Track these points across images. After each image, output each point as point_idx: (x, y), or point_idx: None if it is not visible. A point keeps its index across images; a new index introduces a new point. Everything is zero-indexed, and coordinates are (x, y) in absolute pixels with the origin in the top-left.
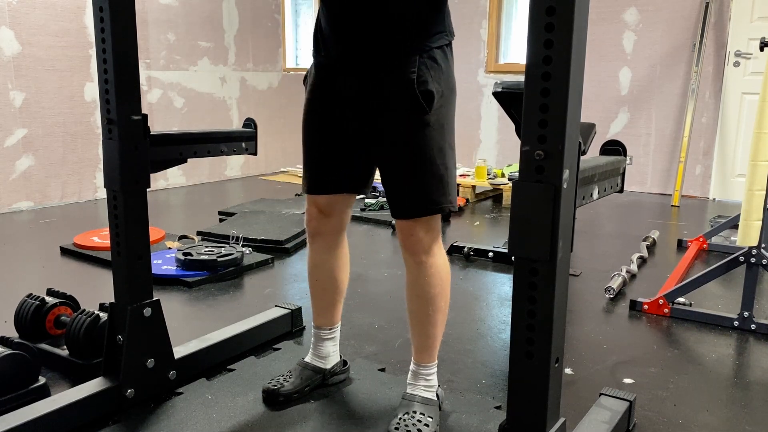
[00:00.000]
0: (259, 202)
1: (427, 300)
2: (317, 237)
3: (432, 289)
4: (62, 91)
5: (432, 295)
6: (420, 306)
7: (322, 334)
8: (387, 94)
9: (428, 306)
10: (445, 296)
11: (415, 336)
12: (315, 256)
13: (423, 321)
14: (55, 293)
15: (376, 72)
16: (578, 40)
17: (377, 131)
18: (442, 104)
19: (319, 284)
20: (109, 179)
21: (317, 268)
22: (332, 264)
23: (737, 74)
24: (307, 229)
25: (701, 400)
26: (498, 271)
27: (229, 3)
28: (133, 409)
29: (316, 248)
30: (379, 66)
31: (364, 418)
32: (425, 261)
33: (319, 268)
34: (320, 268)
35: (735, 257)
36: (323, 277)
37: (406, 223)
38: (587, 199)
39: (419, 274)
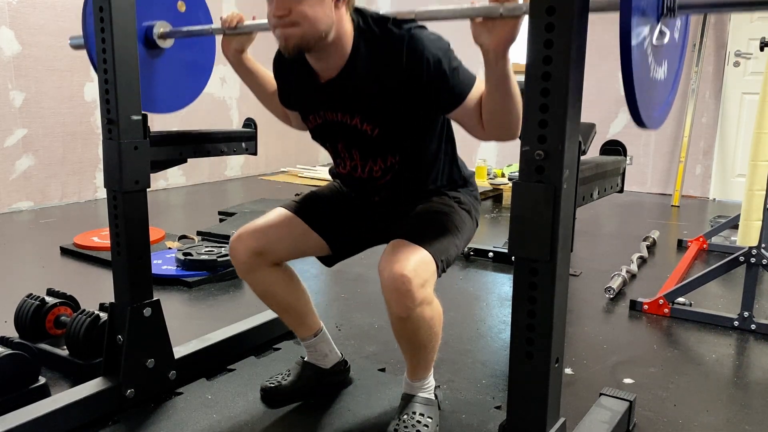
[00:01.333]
0: (259, 202)
1: (417, 345)
2: (250, 274)
3: (421, 337)
4: (62, 91)
5: (422, 341)
6: (409, 348)
7: (307, 343)
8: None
9: (419, 348)
10: (438, 334)
11: (408, 362)
12: (257, 288)
13: (414, 355)
14: (55, 293)
15: None
16: (578, 40)
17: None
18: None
19: (277, 308)
20: (109, 179)
21: (265, 297)
22: (278, 289)
23: (737, 74)
24: (236, 267)
25: (701, 400)
26: (498, 271)
27: (229, 3)
28: (133, 409)
29: (254, 283)
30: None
31: (364, 418)
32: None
33: (267, 297)
34: (268, 297)
35: (735, 257)
36: (275, 302)
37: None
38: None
39: (405, 327)
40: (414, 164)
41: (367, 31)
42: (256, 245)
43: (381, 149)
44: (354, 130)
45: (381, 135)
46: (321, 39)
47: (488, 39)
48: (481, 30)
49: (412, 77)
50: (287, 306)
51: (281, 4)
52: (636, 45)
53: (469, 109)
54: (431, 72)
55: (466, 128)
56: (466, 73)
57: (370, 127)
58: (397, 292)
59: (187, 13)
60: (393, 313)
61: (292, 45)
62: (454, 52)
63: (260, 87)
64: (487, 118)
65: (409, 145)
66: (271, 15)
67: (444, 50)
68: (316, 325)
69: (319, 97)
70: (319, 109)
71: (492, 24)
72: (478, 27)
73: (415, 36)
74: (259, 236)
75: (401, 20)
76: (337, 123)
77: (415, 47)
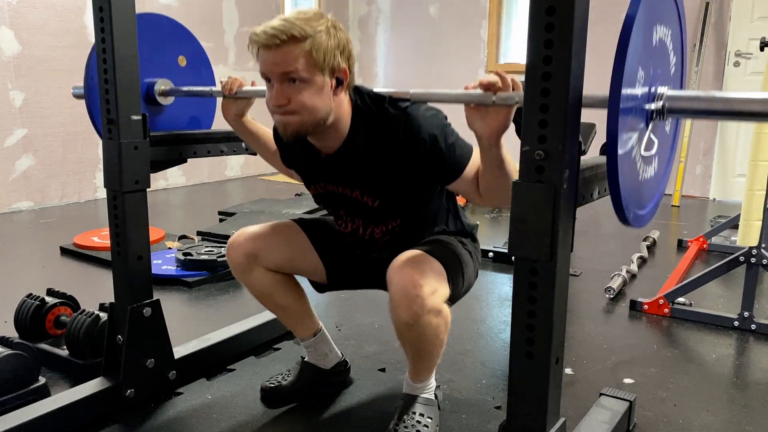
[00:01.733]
0: (259, 202)
1: (421, 350)
2: (245, 274)
3: (427, 345)
4: (62, 91)
5: (427, 348)
6: (412, 352)
7: (306, 343)
8: None
9: (422, 354)
10: (443, 341)
11: (410, 364)
12: (253, 290)
13: (416, 359)
14: (55, 293)
15: None
16: (578, 40)
17: None
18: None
19: (274, 309)
20: (109, 179)
21: (261, 297)
22: (275, 290)
23: (737, 74)
24: (233, 269)
25: (701, 400)
26: (498, 271)
27: (229, 3)
28: (133, 409)
29: (250, 284)
30: None
31: (364, 418)
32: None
33: (263, 297)
34: (264, 297)
35: (735, 257)
36: (272, 303)
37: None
38: (587, 199)
39: (411, 333)
40: (415, 224)
41: (365, 110)
42: (252, 247)
43: (382, 217)
44: (355, 201)
45: (382, 205)
46: (319, 125)
47: (481, 126)
48: (475, 117)
49: (409, 156)
50: (284, 307)
51: (280, 93)
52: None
53: (467, 182)
54: (427, 151)
55: (464, 196)
56: (462, 148)
57: (370, 200)
58: (407, 297)
59: (188, 67)
60: (399, 318)
61: (290, 132)
62: (450, 126)
63: (262, 148)
64: (483, 189)
65: (410, 210)
66: (270, 102)
67: (440, 127)
68: (315, 325)
69: (320, 170)
70: (320, 180)
71: (485, 111)
72: (472, 113)
73: (411, 115)
74: (258, 240)
75: (397, 99)
76: (339, 194)
77: (411, 127)
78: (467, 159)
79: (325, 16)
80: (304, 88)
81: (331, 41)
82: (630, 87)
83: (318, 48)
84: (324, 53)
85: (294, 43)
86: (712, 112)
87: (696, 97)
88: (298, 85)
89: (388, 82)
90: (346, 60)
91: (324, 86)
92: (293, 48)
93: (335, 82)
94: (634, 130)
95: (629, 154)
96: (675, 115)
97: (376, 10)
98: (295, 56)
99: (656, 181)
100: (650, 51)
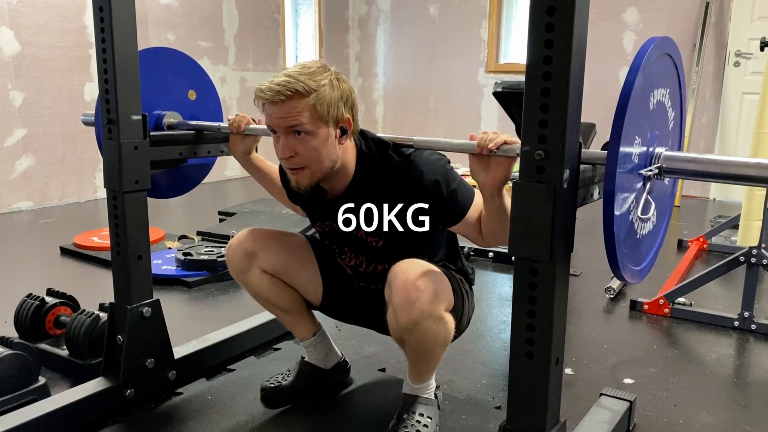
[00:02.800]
0: (259, 202)
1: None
2: (242, 274)
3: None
4: (62, 91)
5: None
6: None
7: (305, 343)
8: None
9: (423, 358)
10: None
11: (410, 366)
12: (250, 290)
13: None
14: (55, 293)
15: None
16: (578, 40)
17: None
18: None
19: (272, 309)
20: (109, 179)
21: (259, 298)
22: (271, 293)
23: (737, 74)
24: (230, 269)
25: (701, 400)
26: (498, 271)
27: (229, 3)
28: (133, 409)
29: (248, 285)
30: None
31: (364, 418)
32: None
33: (261, 299)
34: (262, 299)
35: (735, 257)
36: (270, 304)
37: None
38: (587, 199)
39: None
40: None
41: (369, 156)
42: (251, 246)
43: (386, 256)
44: (360, 240)
45: (385, 245)
46: (329, 172)
47: (484, 177)
48: (477, 167)
49: (411, 202)
50: (283, 308)
51: (286, 146)
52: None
53: (470, 225)
54: (430, 196)
55: (467, 237)
56: (464, 193)
57: (374, 240)
58: (408, 300)
59: (198, 101)
60: (399, 323)
61: (304, 186)
62: (453, 171)
63: (269, 184)
64: (486, 232)
65: (413, 251)
66: (278, 154)
67: (443, 173)
68: (314, 325)
69: (326, 210)
70: (326, 219)
71: (487, 162)
72: (474, 164)
73: (414, 162)
74: (258, 240)
75: (400, 145)
76: (344, 234)
77: (414, 174)
78: (469, 204)
79: (329, 69)
80: (310, 140)
81: (334, 93)
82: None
83: (322, 102)
84: (328, 106)
85: (298, 98)
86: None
87: (692, 159)
88: (303, 137)
89: (387, 82)
90: (349, 110)
91: (329, 137)
92: (298, 103)
93: (339, 132)
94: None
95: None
96: (672, 176)
97: (376, 10)
98: (300, 110)
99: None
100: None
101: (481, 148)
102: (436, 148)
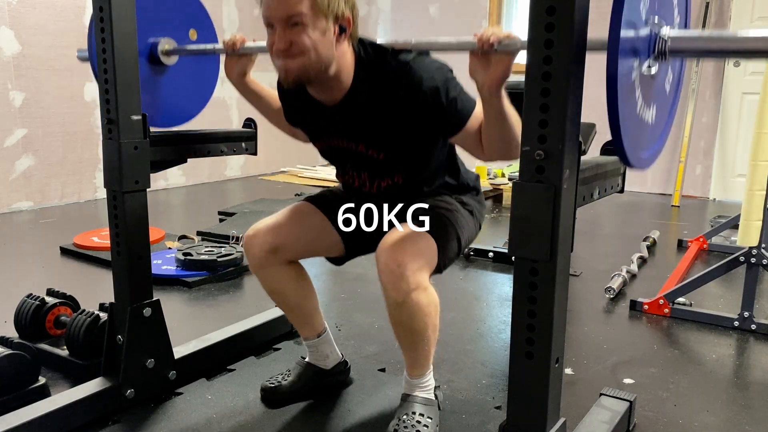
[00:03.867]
0: (259, 202)
1: (414, 334)
2: (261, 270)
3: (418, 325)
4: (62, 91)
5: (419, 329)
6: (406, 338)
7: (309, 343)
8: None
9: (416, 339)
10: (435, 325)
11: (406, 356)
12: (267, 285)
13: (411, 348)
14: (55, 293)
15: None
16: (578, 41)
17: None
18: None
19: (284, 306)
20: (109, 179)
21: (274, 294)
22: (288, 287)
23: (737, 74)
24: (249, 261)
25: (701, 400)
26: (498, 271)
27: (229, 3)
28: (133, 409)
29: (265, 279)
30: None
31: (364, 418)
32: (409, 300)
33: (276, 294)
34: (277, 294)
35: (735, 257)
36: (283, 300)
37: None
38: (587, 199)
39: (402, 313)
40: (419, 177)
41: (368, 62)
42: (271, 242)
43: (388, 170)
44: (361, 155)
45: (387, 158)
46: (321, 72)
47: (483, 75)
48: (477, 66)
49: (410, 109)
50: (295, 305)
51: (282, 37)
52: (623, 74)
53: (469, 135)
54: (429, 103)
55: (467, 150)
56: (464, 102)
57: (375, 152)
58: (392, 274)
59: (198, 41)
60: (389, 296)
61: (292, 78)
62: (454, 79)
63: (266, 107)
64: (486, 143)
65: (415, 162)
66: (272, 47)
67: (443, 80)
68: (321, 326)
69: (324, 124)
70: (325, 135)
71: (486, 60)
72: (473, 62)
73: (413, 68)
74: (276, 233)
75: (400, 50)
76: (344, 149)
77: (413, 79)
78: (469, 112)
79: None
80: (307, 31)
81: None
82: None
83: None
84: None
85: None
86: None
87: (698, 37)
88: (300, 28)
89: None
90: (350, 9)
91: (326, 32)
92: None
93: (338, 30)
94: (633, 61)
95: (628, 76)
96: (678, 56)
97: (376, 10)
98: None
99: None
100: None
101: (482, 43)
102: (436, 48)
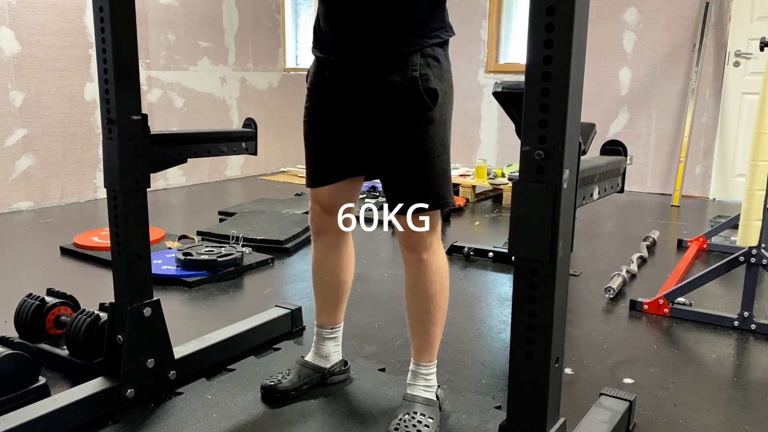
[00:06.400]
0: (259, 202)
1: (428, 297)
2: (321, 235)
3: (432, 286)
4: (62, 91)
5: (432, 292)
6: (420, 304)
7: (324, 333)
8: (390, 91)
9: (429, 303)
10: (445, 293)
11: (415, 335)
12: (318, 254)
13: (423, 319)
14: (55, 293)
15: (378, 68)
16: (578, 40)
17: (380, 124)
18: (444, 101)
19: (323, 282)
20: (109, 179)
21: (321, 266)
22: (336, 263)
23: (737, 74)
24: (311, 227)
25: (701, 400)
26: (498, 271)
27: (229, 3)
28: (133, 409)
29: (319, 246)
30: (381, 63)
31: (364, 418)
32: (426, 258)
33: (322, 267)
34: (324, 267)
35: (735, 257)
36: (326, 275)
37: (408, 219)
38: (587, 199)
39: (419, 272)
40: None
41: None
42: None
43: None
44: None
45: None
46: None
47: None
48: None
49: None
50: (335, 282)
51: None
52: None
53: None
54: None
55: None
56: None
57: None
58: (411, 241)
59: None
60: (407, 258)
61: None
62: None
63: None
64: None
65: None
66: None
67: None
68: (340, 319)
69: None
70: None
71: None
72: None
73: None
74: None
75: None
76: None
77: None
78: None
79: None
80: None
81: None
82: None
83: None
84: None
85: None
86: None
87: None
88: None
89: None
90: None
91: None
92: None
93: None
94: None
95: None
96: None
97: None
98: None
99: None
100: None
101: None
102: None
